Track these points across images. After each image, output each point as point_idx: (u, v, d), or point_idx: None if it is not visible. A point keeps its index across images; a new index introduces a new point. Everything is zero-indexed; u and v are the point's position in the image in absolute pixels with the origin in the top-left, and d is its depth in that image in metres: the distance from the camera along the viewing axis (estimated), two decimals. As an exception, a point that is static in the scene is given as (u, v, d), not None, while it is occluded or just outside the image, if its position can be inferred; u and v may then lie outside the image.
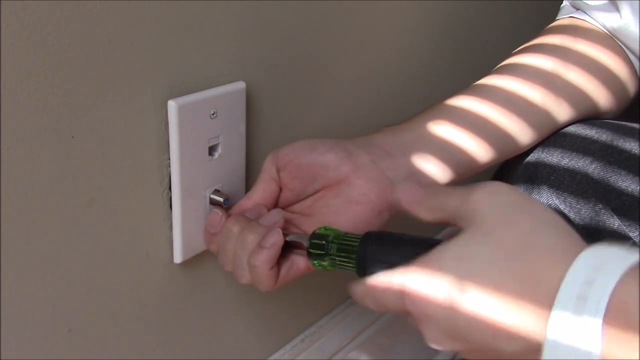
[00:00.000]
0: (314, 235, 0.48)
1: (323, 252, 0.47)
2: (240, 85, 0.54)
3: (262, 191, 0.52)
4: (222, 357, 0.66)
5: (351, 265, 0.45)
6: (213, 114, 0.52)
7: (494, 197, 0.40)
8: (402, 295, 0.39)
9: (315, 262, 0.48)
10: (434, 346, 0.39)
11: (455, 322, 0.37)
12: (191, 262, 0.57)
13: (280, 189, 0.53)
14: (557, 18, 0.66)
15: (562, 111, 0.58)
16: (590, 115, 0.59)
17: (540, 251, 0.37)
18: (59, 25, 0.41)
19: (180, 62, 0.50)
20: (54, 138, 0.43)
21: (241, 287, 0.65)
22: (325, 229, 0.48)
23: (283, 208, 0.54)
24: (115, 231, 0.50)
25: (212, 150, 0.54)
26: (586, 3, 0.62)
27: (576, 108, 0.58)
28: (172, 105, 0.49)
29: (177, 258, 0.55)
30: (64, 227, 0.46)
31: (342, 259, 0.46)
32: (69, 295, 0.48)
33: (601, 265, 0.34)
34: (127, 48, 0.45)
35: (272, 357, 0.74)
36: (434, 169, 0.53)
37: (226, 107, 0.53)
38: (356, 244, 0.45)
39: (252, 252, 0.48)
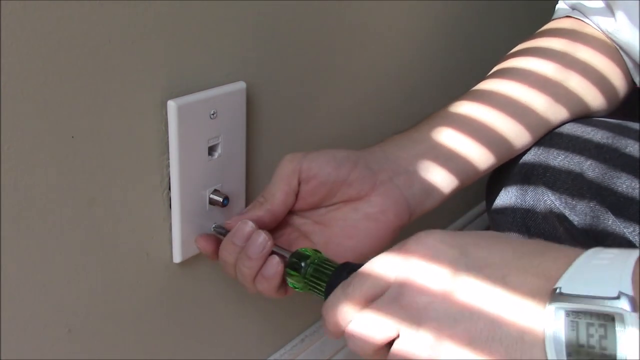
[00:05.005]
0: (295, 254, 0.48)
1: (298, 273, 0.47)
2: (241, 85, 0.54)
3: (282, 204, 0.51)
4: (222, 357, 0.66)
5: (321, 291, 0.45)
6: (213, 114, 0.52)
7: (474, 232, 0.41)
8: (399, 288, 0.38)
9: (290, 281, 0.48)
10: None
11: (453, 304, 0.36)
12: (191, 262, 0.57)
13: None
14: (553, 18, 0.66)
15: (558, 114, 0.59)
16: (582, 116, 0.60)
17: (541, 249, 0.37)
18: (59, 25, 0.41)
19: (180, 62, 0.50)
20: (54, 138, 0.43)
21: (241, 287, 0.65)
22: (305, 250, 0.48)
23: (292, 212, 0.54)
24: (115, 231, 0.50)
25: (211, 150, 0.54)
26: (584, 5, 0.62)
27: (571, 111, 0.59)
28: (172, 105, 0.49)
29: (177, 258, 0.55)
30: (64, 227, 0.46)
31: (314, 284, 0.46)
32: (69, 295, 0.48)
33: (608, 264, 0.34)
34: (127, 48, 0.45)
35: (272, 357, 0.74)
36: (442, 181, 0.54)
37: (226, 107, 0.53)
38: (330, 271, 0.45)
39: (256, 280, 0.48)
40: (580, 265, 0.34)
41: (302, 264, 0.47)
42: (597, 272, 0.33)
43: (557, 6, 0.66)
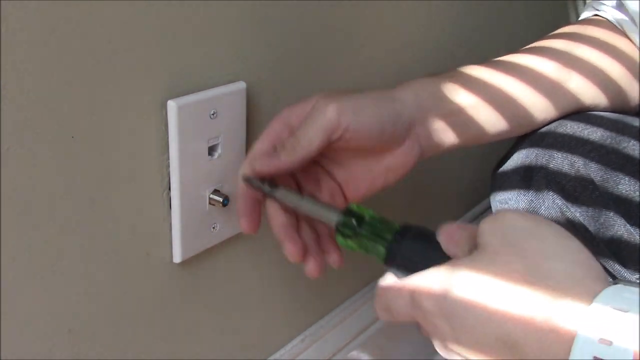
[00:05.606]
0: (348, 212, 0.47)
1: (352, 232, 0.47)
2: (240, 85, 0.54)
3: (316, 152, 0.48)
4: (222, 357, 0.66)
5: (380, 253, 0.45)
6: (213, 114, 0.52)
7: (498, 222, 0.41)
8: (411, 297, 0.41)
9: (343, 239, 0.47)
10: (443, 354, 0.41)
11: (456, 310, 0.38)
12: (191, 262, 0.57)
13: None
14: (581, 17, 0.68)
15: (547, 111, 0.59)
16: (576, 112, 0.61)
17: (548, 283, 0.37)
18: (59, 25, 0.41)
19: (180, 62, 0.50)
20: (54, 138, 0.43)
21: (241, 287, 0.65)
22: (359, 207, 0.47)
23: None
24: (115, 231, 0.50)
25: (211, 150, 0.54)
26: (603, 4, 0.64)
27: (562, 112, 0.60)
28: (172, 105, 0.49)
29: (177, 258, 0.55)
30: (64, 227, 0.46)
31: (373, 244, 0.46)
32: (69, 295, 0.48)
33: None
34: (127, 48, 0.45)
35: (272, 357, 0.74)
36: (449, 135, 0.55)
37: (226, 107, 0.53)
38: (391, 234, 0.45)
39: None
40: None
41: (355, 223, 0.46)
42: None
43: (582, 14, 0.68)
